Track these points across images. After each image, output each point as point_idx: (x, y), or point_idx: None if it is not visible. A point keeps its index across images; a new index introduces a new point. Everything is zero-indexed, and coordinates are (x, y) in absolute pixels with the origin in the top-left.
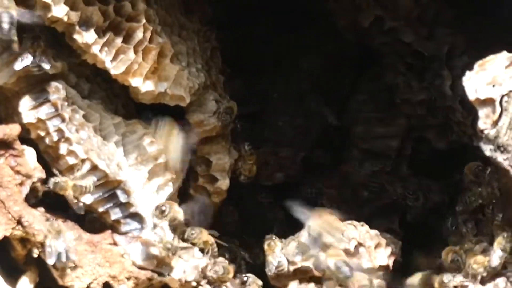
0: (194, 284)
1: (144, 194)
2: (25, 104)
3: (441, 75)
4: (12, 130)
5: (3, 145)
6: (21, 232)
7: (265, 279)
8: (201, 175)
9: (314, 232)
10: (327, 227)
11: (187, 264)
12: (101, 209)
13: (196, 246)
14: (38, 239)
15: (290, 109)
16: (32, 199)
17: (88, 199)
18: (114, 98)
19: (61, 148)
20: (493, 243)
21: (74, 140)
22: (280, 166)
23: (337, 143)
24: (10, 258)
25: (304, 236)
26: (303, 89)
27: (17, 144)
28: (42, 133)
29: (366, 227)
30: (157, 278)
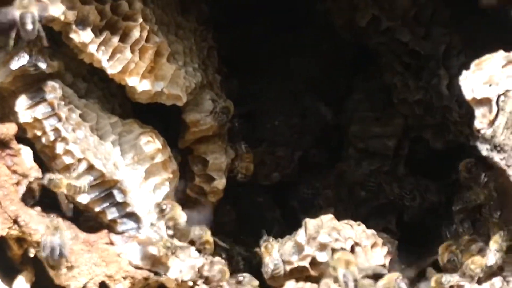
0: (190, 283)
1: (141, 194)
2: (22, 104)
3: (438, 74)
4: (8, 129)
5: None
6: (18, 232)
7: (262, 278)
8: (197, 174)
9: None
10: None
11: (184, 264)
12: (97, 209)
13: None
14: (35, 238)
15: (287, 108)
16: (28, 199)
17: (84, 198)
18: (111, 98)
19: (58, 147)
20: (489, 242)
21: (71, 139)
22: (276, 166)
23: (334, 142)
24: (6, 258)
25: (301, 235)
26: (300, 88)
27: (14, 144)
28: (39, 133)
29: (363, 226)
30: (153, 277)
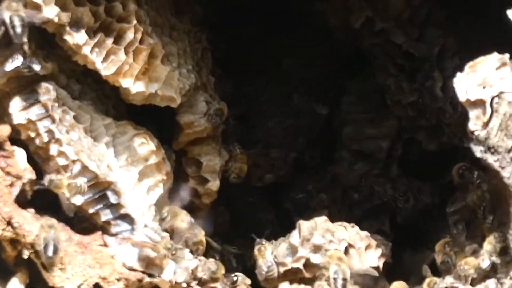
0: (184, 285)
1: (135, 195)
2: (16, 105)
3: (432, 76)
4: (2, 131)
5: None
6: (11, 233)
7: (256, 279)
8: (191, 176)
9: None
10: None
11: (178, 266)
12: (91, 210)
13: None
14: (29, 240)
15: (281, 110)
16: (22, 200)
17: (78, 200)
18: (105, 99)
19: (52, 149)
20: (483, 244)
21: (65, 141)
22: (270, 167)
23: (327, 144)
24: (0, 259)
25: (294, 237)
26: (294, 90)
27: (7, 145)
28: (33, 134)
29: (357, 228)
30: (147, 279)
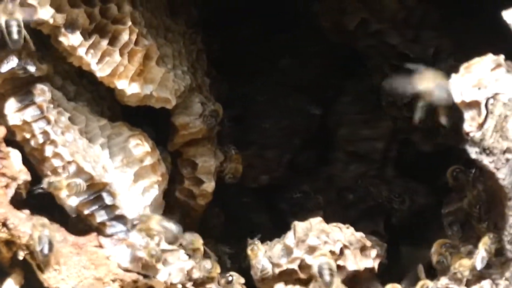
0: (179, 286)
1: (130, 197)
2: (11, 106)
3: None
4: None
5: None
6: (7, 235)
7: (251, 280)
8: (186, 177)
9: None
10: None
11: (173, 267)
12: (86, 212)
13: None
14: (24, 241)
15: (276, 111)
16: (17, 201)
17: (74, 201)
18: (100, 101)
19: (47, 150)
20: (478, 245)
21: (60, 142)
22: (265, 168)
23: (322, 145)
24: None
25: (289, 238)
26: (289, 91)
27: (2, 146)
28: (28, 135)
29: (352, 229)
30: (142, 280)
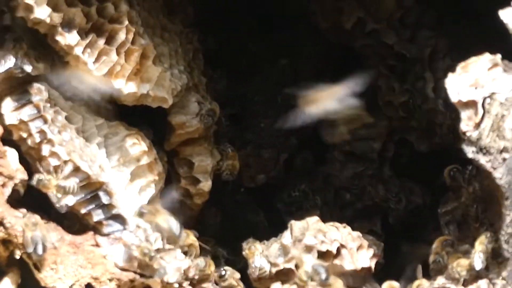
0: (176, 285)
1: (127, 196)
2: (7, 106)
3: (423, 77)
4: None
5: None
6: (3, 234)
7: (248, 279)
8: (183, 176)
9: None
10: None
11: (169, 266)
12: (83, 211)
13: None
14: (21, 240)
15: (273, 110)
16: (14, 201)
17: (70, 200)
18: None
19: (44, 149)
20: (474, 245)
21: (57, 141)
22: (262, 168)
23: (319, 144)
24: None
25: (286, 237)
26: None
27: None
28: (24, 135)
29: (348, 228)
30: (139, 279)
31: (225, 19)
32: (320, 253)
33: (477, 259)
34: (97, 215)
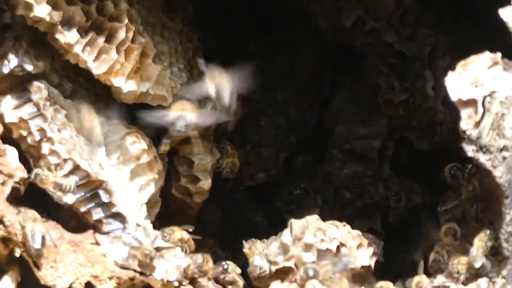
0: (176, 284)
1: (126, 194)
2: (7, 104)
3: (423, 75)
4: None
5: None
6: (3, 232)
7: (248, 278)
8: (183, 175)
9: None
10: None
11: (169, 264)
12: (83, 209)
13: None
14: (20, 238)
15: (273, 109)
16: (14, 199)
17: (70, 199)
18: (97, 98)
19: (43, 147)
20: (474, 243)
21: (56, 139)
22: (262, 166)
23: (319, 143)
24: None
25: (286, 236)
26: (285, 89)
27: None
28: (24, 133)
29: (348, 227)
30: (139, 278)
31: (225, 18)
32: (320, 251)
33: (476, 258)
34: (97, 214)
